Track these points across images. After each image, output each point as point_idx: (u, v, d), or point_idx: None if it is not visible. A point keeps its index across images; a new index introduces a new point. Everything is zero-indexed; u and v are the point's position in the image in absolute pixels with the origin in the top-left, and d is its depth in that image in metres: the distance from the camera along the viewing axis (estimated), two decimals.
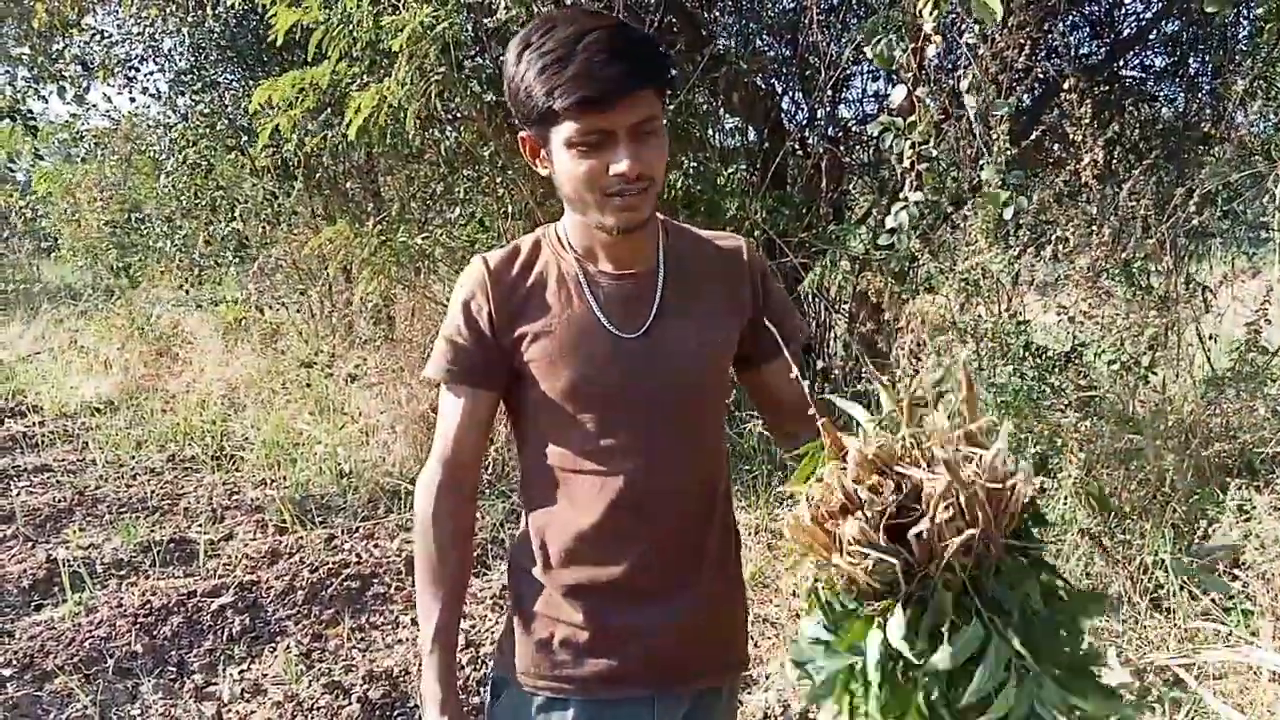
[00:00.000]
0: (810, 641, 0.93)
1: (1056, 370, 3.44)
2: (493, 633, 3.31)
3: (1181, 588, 3.07)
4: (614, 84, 1.14)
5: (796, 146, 5.01)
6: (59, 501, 4.80)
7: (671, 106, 4.40)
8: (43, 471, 5.47)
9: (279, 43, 4.35)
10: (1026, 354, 3.43)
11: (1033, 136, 3.53)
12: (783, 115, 5.20)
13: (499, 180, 4.92)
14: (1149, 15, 5.24)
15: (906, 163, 3.12)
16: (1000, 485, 0.85)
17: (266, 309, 7.80)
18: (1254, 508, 2.97)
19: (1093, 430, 3.27)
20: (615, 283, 1.33)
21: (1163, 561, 3.11)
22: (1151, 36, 5.23)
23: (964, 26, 3.45)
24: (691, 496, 1.37)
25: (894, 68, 3.15)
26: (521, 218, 4.95)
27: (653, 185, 1.22)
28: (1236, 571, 3.00)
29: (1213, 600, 3.04)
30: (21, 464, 5.61)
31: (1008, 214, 3.16)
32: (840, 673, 0.91)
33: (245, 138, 6.74)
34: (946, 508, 0.84)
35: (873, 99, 5.60)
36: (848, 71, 5.04)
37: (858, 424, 0.95)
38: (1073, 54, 5.03)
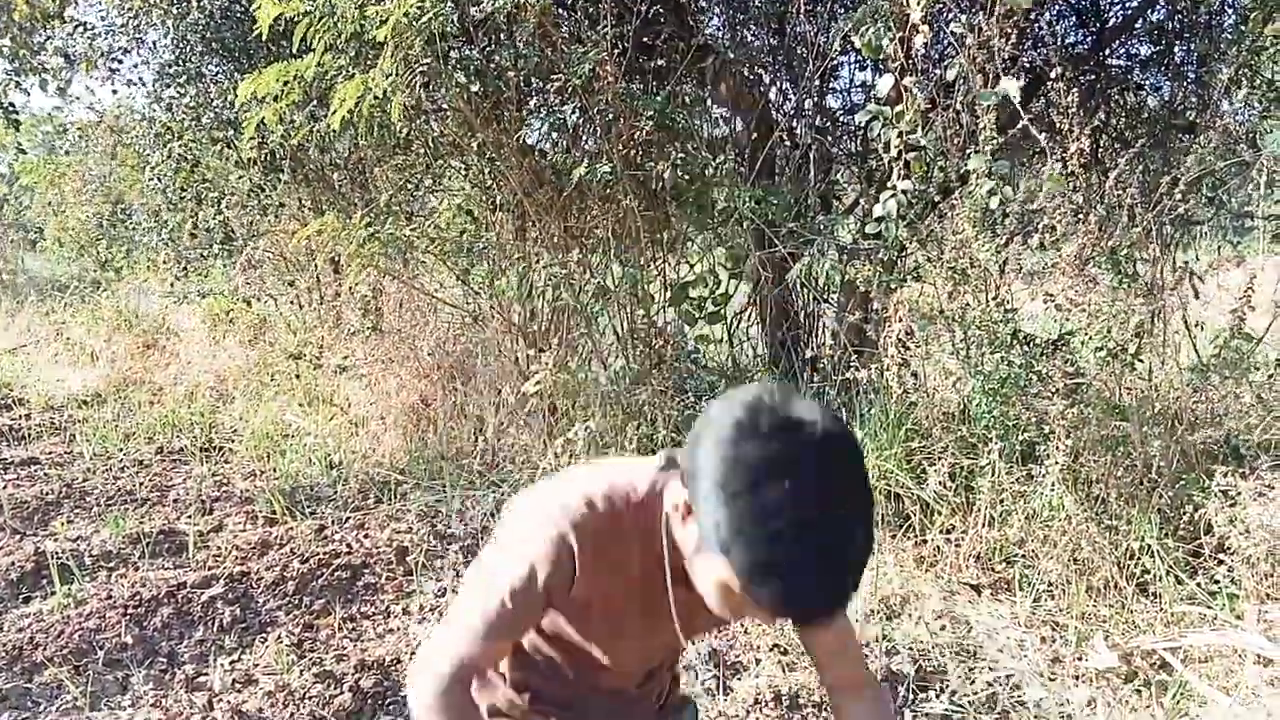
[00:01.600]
0: None
1: (1043, 358, 3.47)
2: None
3: (1168, 572, 3.10)
4: (818, 614, 1.07)
5: (784, 136, 5.01)
6: (46, 494, 4.77)
7: (659, 97, 4.39)
8: (30, 464, 5.43)
9: (263, 35, 4.33)
10: (1014, 341, 3.46)
11: (1019, 125, 3.54)
12: (770, 105, 5.20)
13: (487, 171, 4.91)
14: (1135, 4, 5.26)
15: (894, 151, 3.14)
16: None
17: (254, 301, 7.78)
18: (1239, 493, 3.00)
19: (1079, 417, 3.30)
20: (692, 600, 1.25)
21: (1149, 547, 3.14)
22: (1138, 25, 5.25)
23: (951, 16, 3.47)
24: (656, 681, 1.55)
25: (881, 57, 3.17)
26: (509, 209, 4.94)
27: None
28: (1222, 556, 3.04)
29: (1199, 585, 3.08)
30: (8, 457, 5.58)
31: (994, 203, 3.18)
32: None
33: (231, 130, 6.69)
34: None
35: (860, 89, 5.62)
36: (835, 61, 5.05)
37: None
38: (1059, 43, 5.04)
